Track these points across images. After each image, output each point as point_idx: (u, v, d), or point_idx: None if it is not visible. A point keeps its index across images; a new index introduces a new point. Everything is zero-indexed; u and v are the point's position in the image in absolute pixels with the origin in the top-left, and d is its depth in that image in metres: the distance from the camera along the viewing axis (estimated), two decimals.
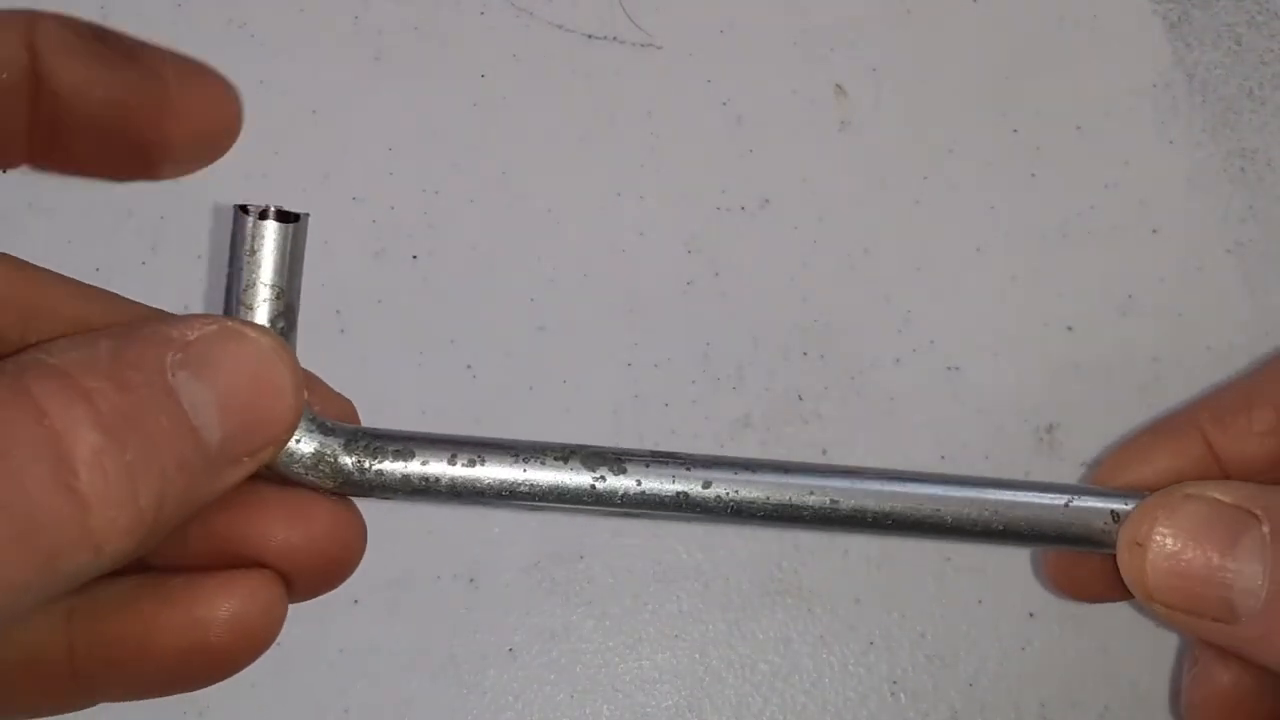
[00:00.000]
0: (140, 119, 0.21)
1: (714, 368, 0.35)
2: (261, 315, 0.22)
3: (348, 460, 0.23)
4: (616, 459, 0.24)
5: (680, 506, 0.24)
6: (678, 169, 0.38)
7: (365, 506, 0.33)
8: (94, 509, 0.17)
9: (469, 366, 0.35)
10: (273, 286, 0.22)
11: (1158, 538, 0.23)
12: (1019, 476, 0.34)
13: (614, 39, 0.39)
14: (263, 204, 0.22)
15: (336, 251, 0.36)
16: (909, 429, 0.35)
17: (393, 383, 0.35)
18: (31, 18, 0.21)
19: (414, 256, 0.36)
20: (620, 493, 0.24)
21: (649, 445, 0.34)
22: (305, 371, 0.22)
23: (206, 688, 0.23)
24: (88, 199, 0.37)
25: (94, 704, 0.22)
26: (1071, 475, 0.34)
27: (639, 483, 0.24)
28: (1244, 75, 0.38)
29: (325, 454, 0.23)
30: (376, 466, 0.23)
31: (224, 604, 0.22)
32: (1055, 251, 0.37)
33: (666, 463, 0.24)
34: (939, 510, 0.24)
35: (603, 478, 0.24)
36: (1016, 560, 0.33)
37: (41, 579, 0.17)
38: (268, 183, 0.37)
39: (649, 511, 0.24)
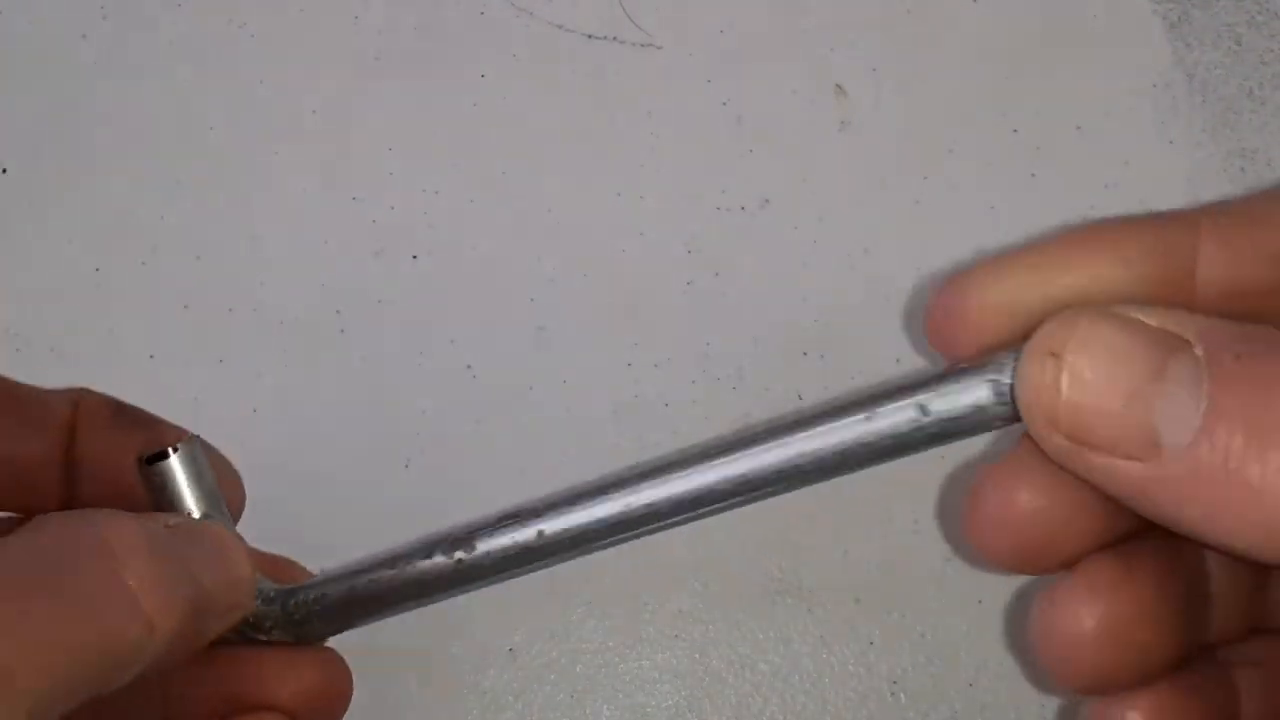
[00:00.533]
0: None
1: (714, 368, 0.35)
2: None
3: (284, 617, 0.27)
4: (467, 538, 0.26)
5: (530, 559, 0.26)
6: (678, 169, 0.38)
7: (360, 509, 0.33)
8: (138, 592, 0.21)
9: (469, 366, 0.35)
10: (187, 501, 0.26)
11: (1072, 356, 0.19)
12: None
13: (614, 39, 0.39)
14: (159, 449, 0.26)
15: (336, 251, 0.36)
16: None
17: (393, 383, 0.35)
18: (76, 394, 0.26)
19: (414, 256, 0.36)
20: (478, 566, 0.26)
21: (649, 446, 0.35)
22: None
23: None
24: (87, 199, 0.37)
25: None
26: None
27: (487, 554, 0.26)
28: (1244, 75, 0.38)
29: (273, 616, 0.26)
30: (309, 619, 0.27)
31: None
32: None
33: (505, 526, 0.26)
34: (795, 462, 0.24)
35: (460, 560, 0.26)
36: None
37: (105, 652, 0.20)
38: (268, 183, 0.37)
39: (508, 572, 0.26)
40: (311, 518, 0.34)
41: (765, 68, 0.39)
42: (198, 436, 0.27)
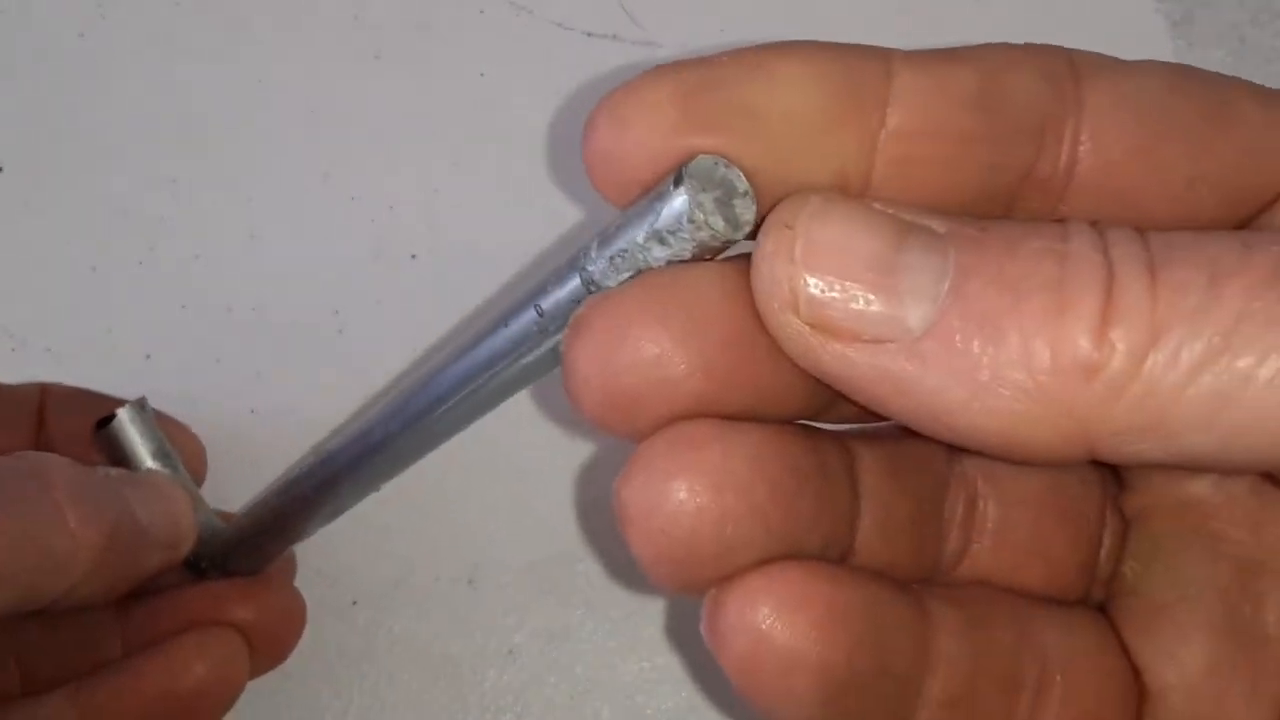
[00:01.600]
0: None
1: None
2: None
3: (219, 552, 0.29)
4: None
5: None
6: None
7: (360, 510, 0.33)
8: (67, 510, 0.24)
9: None
10: (137, 460, 0.29)
11: (804, 225, 0.17)
12: None
13: (614, 37, 0.39)
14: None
15: (335, 251, 0.36)
16: None
17: (392, 383, 0.35)
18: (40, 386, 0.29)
19: (413, 256, 0.36)
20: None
21: None
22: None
23: None
24: (85, 198, 0.37)
25: None
26: None
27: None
28: (1247, 75, 0.38)
29: (210, 552, 0.29)
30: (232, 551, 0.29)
31: (200, 652, 0.27)
32: None
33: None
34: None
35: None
36: None
37: (35, 560, 0.23)
38: (267, 182, 0.37)
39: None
40: None
41: None
42: (144, 398, 0.30)
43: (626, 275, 0.18)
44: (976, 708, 0.19)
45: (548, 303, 0.19)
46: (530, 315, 0.19)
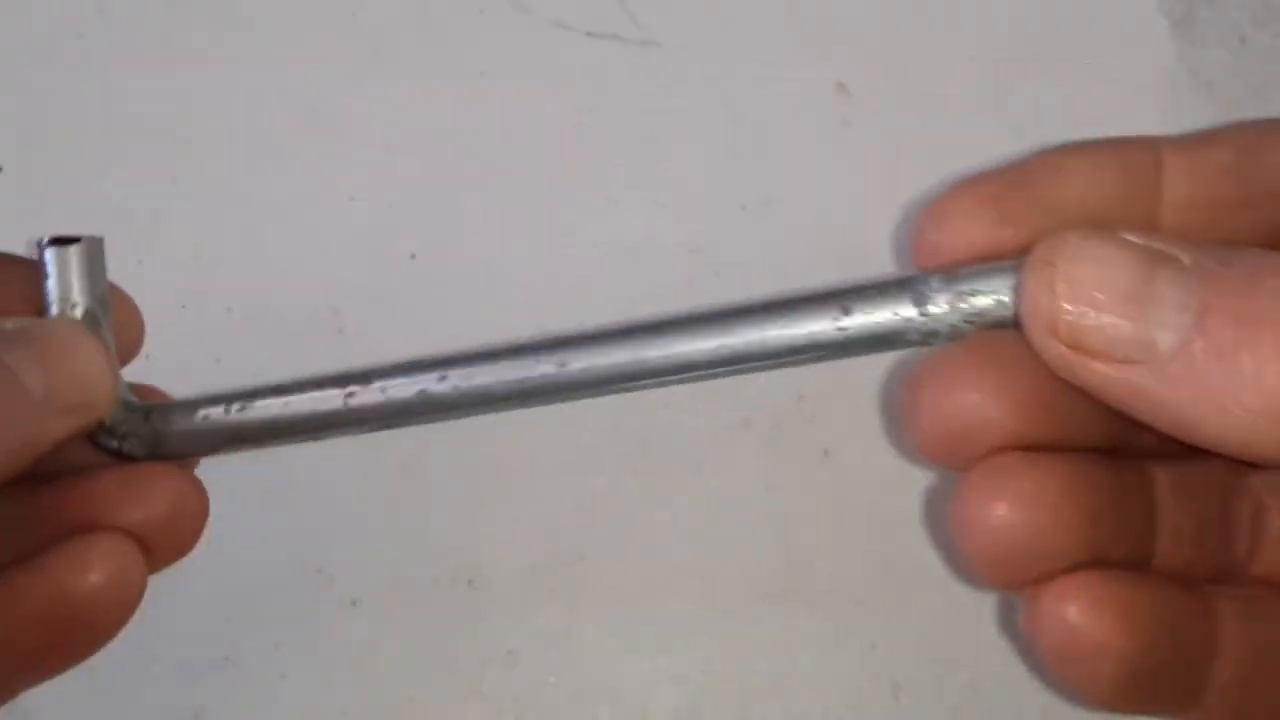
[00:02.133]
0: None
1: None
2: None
3: (148, 429, 0.26)
4: (363, 375, 0.26)
5: (427, 407, 0.26)
6: (678, 169, 0.37)
7: (360, 510, 0.33)
8: None
9: None
10: (72, 299, 0.26)
11: (1064, 264, 0.20)
12: None
13: (614, 37, 0.39)
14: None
15: (334, 251, 0.36)
16: None
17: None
18: None
19: (412, 256, 0.36)
20: (371, 405, 0.26)
21: (650, 445, 0.35)
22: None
23: (81, 659, 0.25)
24: (84, 198, 0.36)
25: None
26: None
27: (383, 390, 0.26)
28: (1249, 74, 0.38)
29: (131, 425, 0.26)
30: (169, 430, 0.26)
31: (86, 560, 0.24)
32: None
33: (408, 369, 0.26)
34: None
35: (353, 393, 0.26)
36: None
37: None
38: (266, 182, 0.37)
39: (402, 417, 0.26)
40: (310, 514, 0.34)
41: (765, 67, 0.39)
42: (102, 239, 0.27)
43: (960, 316, 0.22)
44: (1257, 691, 0.22)
45: (861, 311, 0.23)
46: (832, 313, 0.23)
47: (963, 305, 0.22)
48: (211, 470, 0.31)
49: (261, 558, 0.33)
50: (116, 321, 0.27)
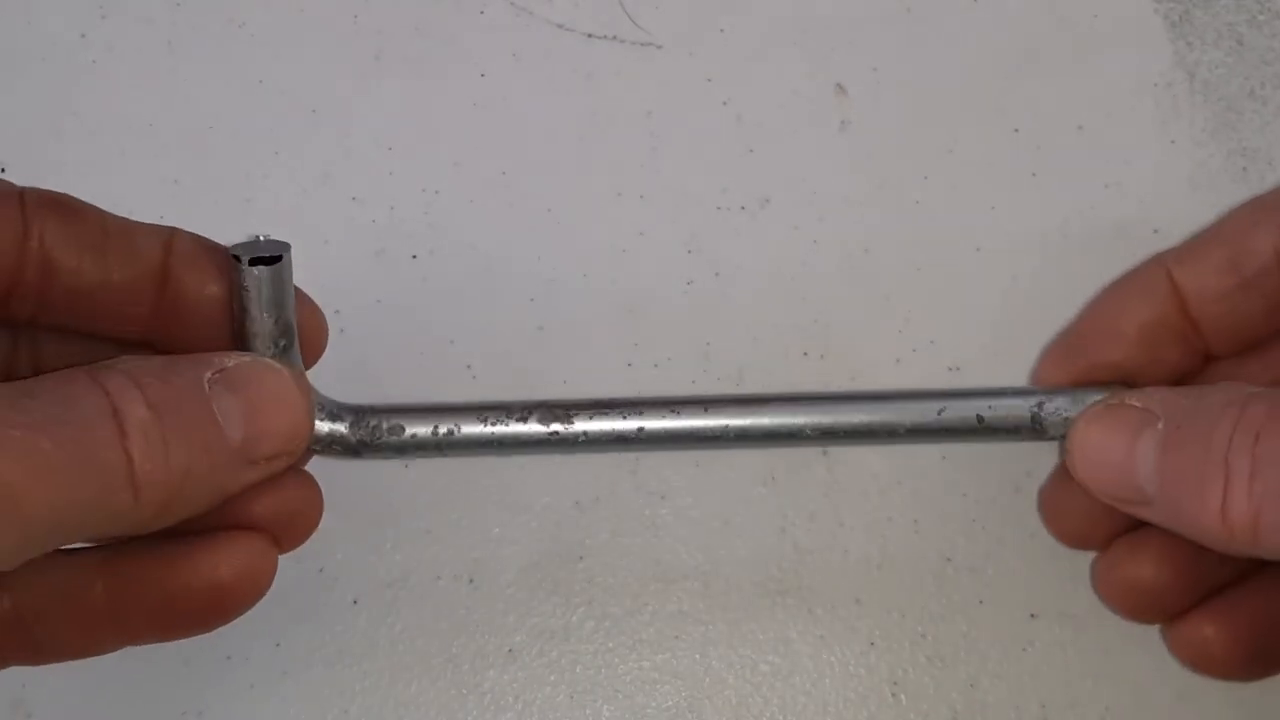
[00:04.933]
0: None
1: (714, 368, 0.35)
2: (267, 339, 0.27)
3: (353, 438, 0.30)
4: (565, 411, 0.30)
5: (615, 446, 0.30)
6: (678, 169, 0.38)
7: (360, 510, 0.33)
8: (136, 461, 0.23)
9: (469, 366, 0.35)
10: (273, 316, 0.27)
11: (1079, 435, 0.29)
12: (1021, 477, 0.34)
13: (614, 38, 0.39)
14: (252, 238, 0.27)
15: (336, 251, 0.36)
16: None
17: (392, 383, 0.35)
18: (171, 231, 0.27)
19: (414, 256, 0.36)
20: (571, 438, 0.30)
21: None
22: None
23: (217, 628, 0.28)
24: (85, 198, 0.36)
25: (126, 645, 0.27)
26: None
27: (584, 433, 0.30)
28: (1246, 75, 0.38)
29: (336, 434, 0.30)
30: (376, 441, 0.30)
31: (231, 555, 0.27)
32: (1055, 251, 0.37)
33: (606, 412, 0.30)
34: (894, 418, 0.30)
35: (556, 432, 0.30)
36: (1018, 561, 0.33)
37: (95, 505, 0.22)
38: (268, 183, 0.37)
39: (597, 448, 0.30)
40: None
41: (765, 68, 0.39)
42: (288, 246, 0.27)
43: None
44: None
45: (996, 413, 0.31)
46: (974, 415, 0.31)
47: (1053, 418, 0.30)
48: None
49: None
50: (303, 326, 0.29)
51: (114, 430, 0.23)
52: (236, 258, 0.26)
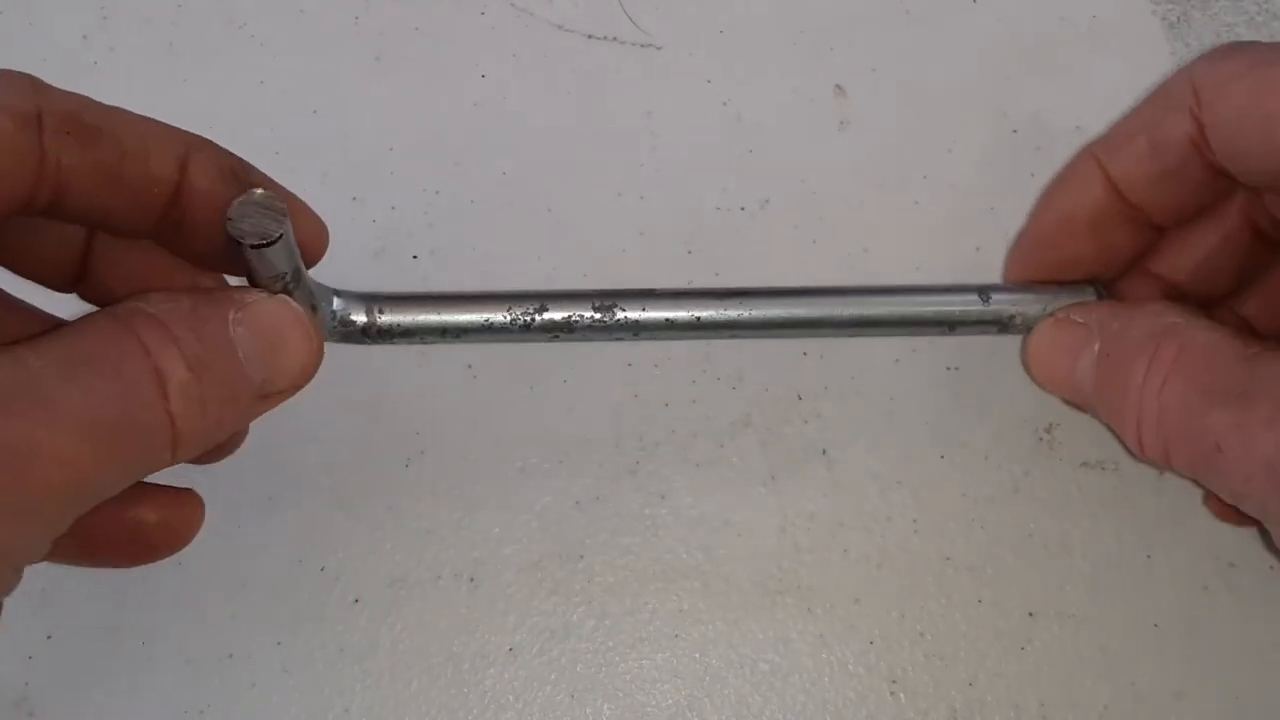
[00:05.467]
0: None
1: (714, 368, 0.35)
2: (276, 283, 0.28)
3: (361, 319, 0.31)
4: (540, 303, 0.31)
5: (612, 329, 0.31)
6: (678, 169, 0.38)
7: (362, 509, 0.33)
8: (177, 423, 0.24)
9: (469, 366, 0.35)
10: (278, 271, 0.28)
11: (1033, 346, 0.32)
12: (1019, 476, 0.34)
13: (614, 39, 0.39)
14: (247, 195, 0.27)
15: (337, 251, 0.36)
16: (909, 429, 0.35)
17: (393, 383, 0.35)
18: (188, 147, 0.27)
19: (414, 256, 0.36)
20: (548, 323, 0.31)
21: (649, 445, 0.35)
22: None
23: (139, 565, 0.29)
24: None
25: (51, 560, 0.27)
26: (1071, 474, 0.34)
27: (570, 318, 0.31)
28: None
29: (349, 323, 0.31)
30: (381, 321, 0.31)
31: (155, 508, 0.29)
32: None
33: (615, 304, 0.31)
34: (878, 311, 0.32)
35: (533, 318, 0.31)
36: (1016, 560, 0.34)
37: (137, 465, 0.24)
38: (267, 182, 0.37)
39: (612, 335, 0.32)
40: (312, 513, 0.34)
41: (765, 67, 0.39)
42: (283, 205, 0.27)
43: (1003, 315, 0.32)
44: None
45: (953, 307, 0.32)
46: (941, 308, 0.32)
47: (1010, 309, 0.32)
48: (215, 469, 0.32)
49: (264, 555, 0.33)
50: (302, 233, 0.29)
51: (158, 394, 0.24)
52: (238, 241, 0.26)
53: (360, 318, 0.31)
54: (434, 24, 0.39)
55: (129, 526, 0.28)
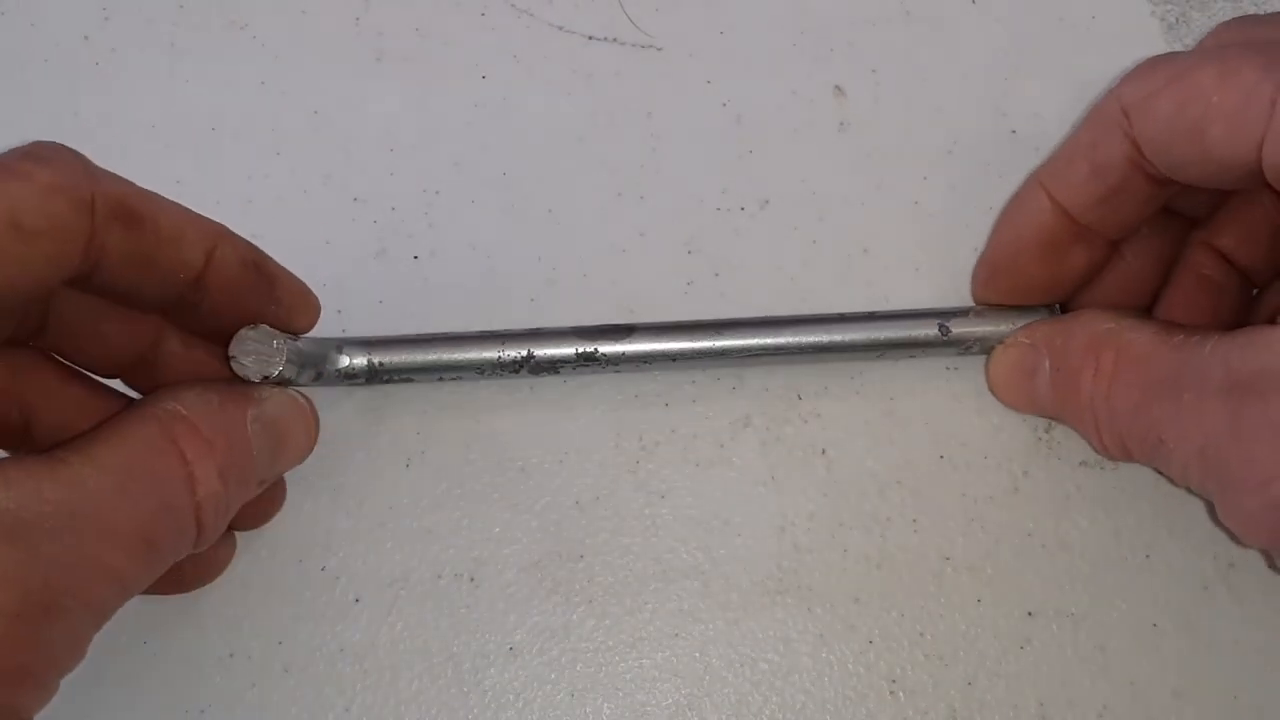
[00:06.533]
0: (261, 313, 0.30)
1: (714, 368, 0.35)
2: (290, 372, 0.31)
3: (365, 371, 0.33)
4: (528, 349, 0.33)
5: (593, 361, 0.34)
6: (678, 169, 0.38)
7: (362, 509, 0.33)
8: (203, 526, 0.27)
9: None
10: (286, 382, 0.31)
11: (991, 372, 0.35)
12: (1018, 476, 0.34)
13: (614, 40, 0.39)
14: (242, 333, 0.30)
15: (338, 251, 0.36)
16: (908, 429, 0.35)
17: (393, 383, 0.35)
18: (217, 239, 0.29)
19: (415, 256, 0.37)
20: (553, 360, 0.33)
21: (649, 445, 0.35)
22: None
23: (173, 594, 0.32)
24: None
25: None
26: (1070, 474, 0.35)
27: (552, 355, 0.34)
28: None
29: (353, 369, 0.33)
30: (384, 370, 0.33)
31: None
32: None
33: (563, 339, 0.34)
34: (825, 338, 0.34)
35: (530, 355, 0.33)
36: (1016, 560, 0.34)
37: (167, 564, 0.26)
38: (270, 184, 0.37)
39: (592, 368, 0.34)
40: (313, 512, 0.34)
41: (765, 68, 0.39)
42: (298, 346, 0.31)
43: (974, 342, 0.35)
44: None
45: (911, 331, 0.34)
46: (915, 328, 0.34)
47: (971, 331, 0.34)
48: None
49: (265, 555, 0.33)
50: (294, 303, 0.31)
51: (191, 502, 0.27)
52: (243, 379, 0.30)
53: (361, 361, 0.33)
54: (434, 25, 0.39)
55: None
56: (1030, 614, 0.33)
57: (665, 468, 0.34)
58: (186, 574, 0.32)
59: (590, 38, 0.39)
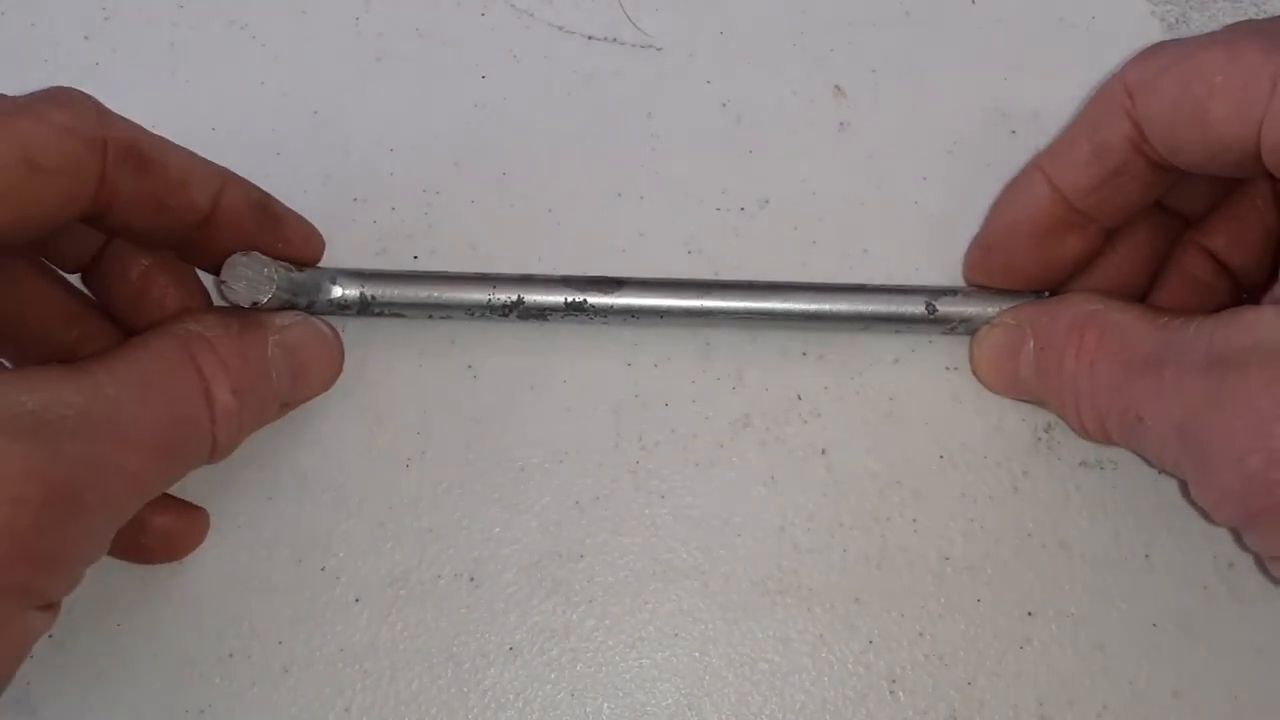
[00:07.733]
0: (269, 251, 0.32)
1: (714, 368, 0.35)
2: (281, 299, 0.32)
3: (359, 302, 0.34)
4: (518, 293, 0.34)
5: (580, 310, 0.34)
6: (678, 169, 0.38)
7: (362, 509, 0.33)
8: (218, 438, 0.29)
9: (469, 366, 0.35)
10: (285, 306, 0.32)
11: (976, 352, 0.35)
12: (1018, 476, 0.34)
13: (614, 40, 0.39)
14: (233, 260, 0.31)
15: (338, 251, 0.36)
16: (908, 429, 0.35)
17: (393, 383, 0.35)
18: (223, 183, 0.31)
19: (414, 257, 0.37)
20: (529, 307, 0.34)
21: (649, 445, 0.35)
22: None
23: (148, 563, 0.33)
24: None
25: None
26: (1070, 474, 0.35)
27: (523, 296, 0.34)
28: None
29: (348, 300, 0.34)
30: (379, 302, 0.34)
31: (160, 517, 0.33)
32: None
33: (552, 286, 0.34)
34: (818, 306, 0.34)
35: (520, 301, 0.34)
36: (1015, 560, 0.34)
37: (183, 473, 0.29)
38: (270, 184, 0.37)
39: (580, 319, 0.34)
40: (313, 512, 0.34)
41: (765, 68, 0.39)
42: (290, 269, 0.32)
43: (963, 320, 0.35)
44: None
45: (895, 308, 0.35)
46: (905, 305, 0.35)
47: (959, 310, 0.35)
48: (216, 469, 0.32)
49: (265, 555, 0.33)
50: (300, 247, 0.33)
51: (208, 415, 0.28)
52: (254, 303, 0.31)
53: (353, 293, 0.34)
54: (434, 25, 0.39)
55: (134, 527, 0.30)
56: (1030, 614, 0.33)
57: (665, 468, 0.34)
58: (154, 546, 0.33)
59: (590, 38, 0.39)
